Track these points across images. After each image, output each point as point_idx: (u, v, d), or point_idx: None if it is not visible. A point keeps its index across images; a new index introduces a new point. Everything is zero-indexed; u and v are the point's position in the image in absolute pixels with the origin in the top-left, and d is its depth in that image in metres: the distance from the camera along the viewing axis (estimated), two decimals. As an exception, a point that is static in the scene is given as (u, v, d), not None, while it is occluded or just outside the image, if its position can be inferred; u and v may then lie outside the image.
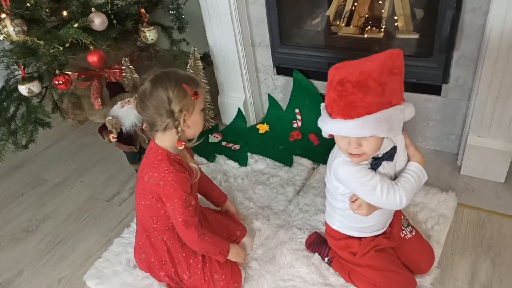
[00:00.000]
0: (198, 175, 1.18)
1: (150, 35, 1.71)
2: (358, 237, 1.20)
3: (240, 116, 2.05)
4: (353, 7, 1.82)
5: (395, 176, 1.11)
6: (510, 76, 1.38)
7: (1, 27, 1.31)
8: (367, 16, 1.81)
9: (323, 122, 1.01)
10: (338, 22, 1.87)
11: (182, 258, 1.26)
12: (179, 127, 1.10)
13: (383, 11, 1.77)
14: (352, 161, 1.04)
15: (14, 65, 1.55)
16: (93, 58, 1.41)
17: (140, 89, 1.12)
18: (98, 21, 1.45)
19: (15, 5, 1.31)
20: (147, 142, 1.55)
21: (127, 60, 1.80)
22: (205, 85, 1.20)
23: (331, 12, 1.85)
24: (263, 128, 2.02)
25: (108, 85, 1.89)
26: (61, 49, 1.36)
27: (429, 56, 1.56)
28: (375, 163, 1.05)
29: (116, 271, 1.41)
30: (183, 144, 1.12)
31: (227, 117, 2.10)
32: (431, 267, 1.26)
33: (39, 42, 1.31)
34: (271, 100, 2.06)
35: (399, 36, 1.72)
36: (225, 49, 1.89)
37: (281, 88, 2.01)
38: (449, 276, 1.29)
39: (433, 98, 1.65)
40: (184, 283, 1.28)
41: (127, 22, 1.68)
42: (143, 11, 1.65)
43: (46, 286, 1.45)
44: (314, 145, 1.87)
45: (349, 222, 1.19)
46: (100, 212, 1.73)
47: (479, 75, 1.44)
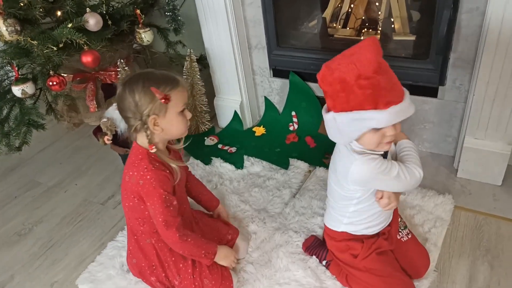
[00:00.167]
0: (179, 175, 1.16)
1: (146, 36, 1.70)
2: (361, 239, 1.18)
3: (236, 119, 2.04)
4: (349, 9, 1.82)
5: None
6: (507, 77, 1.37)
7: (-7, 26, 1.30)
8: (363, 18, 1.81)
9: (366, 121, 0.95)
10: (335, 24, 1.87)
11: (171, 262, 1.23)
12: (148, 130, 1.10)
13: (379, 13, 1.77)
14: (383, 149, 1.03)
15: (8, 66, 1.54)
16: (87, 59, 1.39)
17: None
18: (93, 21, 1.44)
19: (8, 4, 1.29)
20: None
21: (122, 62, 1.78)
22: (186, 85, 1.16)
23: (327, 14, 1.84)
24: (260, 130, 2.00)
25: (103, 87, 1.87)
26: (55, 49, 1.34)
27: (425, 57, 1.56)
28: (384, 153, 1.06)
29: (109, 275, 1.39)
30: (153, 147, 1.11)
31: (224, 119, 2.09)
32: (427, 271, 1.24)
33: (33, 42, 1.29)
34: (268, 102, 2.05)
35: (395, 38, 1.71)
36: (221, 51, 1.89)
37: (278, 90, 2.00)
38: (446, 280, 1.28)
39: (429, 100, 1.64)
40: None
41: (122, 23, 1.66)
42: (138, 12, 1.63)
43: (38, 290, 1.43)
44: (310, 147, 1.86)
45: (360, 222, 1.16)
46: (95, 215, 1.71)
47: (476, 76, 1.43)
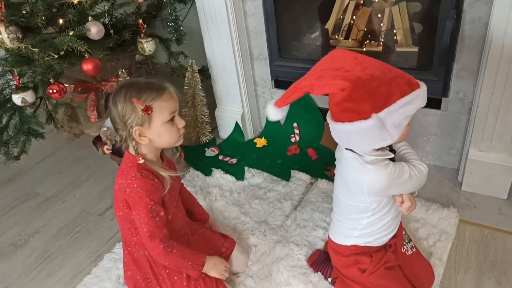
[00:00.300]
0: (168, 185, 1.13)
1: (148, 46, 1.70)
2: (369, 254, 1.15)
3: (237, 130, 2.02)
4: (351, 21, 1.82)
5: None
6: (512, 88, 1.35)
7: (-5, 33, 1.29)
8: (366, 29, 1.81)
9: (413, 103, 0.96)
10: (337, 36, 1.86)
11: (165, 275, 1.20)
12: (134, 141, 1.08)
13: (382, 24, 1.77)
14: (403, 136, 1.02)
15: (9, 74, 1.53)
16: (87, 66, 1.38)
17: None
18: (95, 30, 1.44)
19: (10, 11, 1.29)
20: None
21: (124, 71, 1.78)
22: (174, 92, 1.13)
23: (330, 26, 1.84)
24: (261, 142, 1.98)
25: (105, 96, 1.87)
26: (56, 57, 1.34)
27: (428, 68, 1.54)
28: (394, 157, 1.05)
29: (105, 288, 1.36)
30: (140, 158, 1.09)
31: (225, 131, 2.07)
32: (431, 286, 1.21)
33: (34, 49, 1.29)
34: (269, 113, 2.03)
35: (398, 49, 1.70)
36: (223, 62, 1.88)
37: (279, 101, 1.98)
38: (452, 295, 1.24)
39: (433, 111, 1.62)
40: None
41: (124, 32, 1.66)
42: (140, 21, 1.63)
43: (32, 302, 1.40)
44: (312, 159, 1.83)
45: (372, 233, 1.13)
46: (92, 226, 1.68)
47: (479, 87, 1.42)
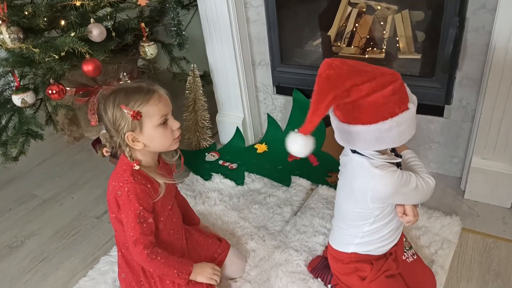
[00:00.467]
0: (162, 192, 1.12)
1: (150, 50, 1.70)
2: (370, 261, 1.13)
3: (238, 136, 2.01)
4: (354, 28, 1.82)
5: None
6: (515, 96, 1.34)
7: (-4, 33, 1.29)
8: (368, 37, 1.81)
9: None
10: (339, 43, 1.87)
11: (157, 278, 1.18)
12: (128, 147, 1.07)
13: (384, 32, 1.77)
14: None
15: (9, 74, 1.53)
16: (88, 67, 1.38)
17: None
18: (97, 32, 1.43)
19: (12, 12, 1.29)
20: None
21: (125, 75, 1.77)
22: (165, 93, 1.11)
23: (332, 33, 1.84)
24: (262, 148, 1.97)
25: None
26: (57, 57, 1.33)
27: (431, 76, 1.54)
28: (399, 162, 1.04)
29: (100, 291, 1.34)
30: (135, 165, 1.08)
31: (225, 136, 2.06)
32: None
33: (34, 50, 1.28)
34: (270, 120, 2.02)
35: (400, 57, 1.70)
36: (225, 67, 1.88)
37: (281, 108, 1.98)
38: (455, 305, 1.21)
39: (435, 119, 1.61)
40: None
41: (126, 36, 1.66)
42: (143, 25, 1.63)
43: (26, 305, 1.37)
44: (313, 165, 1.82)
45: (372, 242, 1.11)
46: (89, 229, 1.66)
47: (483, 95, 1.41)
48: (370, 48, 1.81)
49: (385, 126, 0.93)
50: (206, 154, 1.97)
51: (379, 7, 1.77)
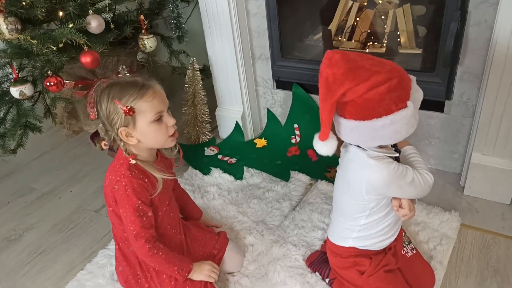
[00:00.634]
0: (160, 187, 1.11)
1: (149, 42, 1.69)
2: (369, 256, 1.13)
3: (237, 130, 2.00)
4: (355, 23, 1.81)
5: None
6: (516, 91, 1.33)
7: (-6, 24, 1.28)
8: (369, 31, 1.79)
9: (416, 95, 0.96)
10: (340, 38, 1.85)
11: (154, 272, 1.18)
12: (122, 142, 1.07)
13: (385, 26, 1.75)
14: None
15: (8, 67, 1.52)
16: (86, 59, 1.36)
17: None
18: (95, 23, 1.42)
19: (9, 2, 1.28)
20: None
21: (124, 68, 1.76)
22: (160, 89, 1.08)
23: (333, 27, 1.83)
24: (261, 142, 1.96)
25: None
26: (55, 49, 1.32)
27: (432, 71, 1.53)
28: (398, 157, 1.03)
29: (98, 284, 1.33)
30: (131, 159, 1.08)
31: (225, 130, 2.05)
32: (432, 288, 1.18)
33: (32, 41, 1.27)
34: (270, 114, 2.01)
35: (401, 51, 1.69)
36: (224, 61, 1.87)
37: (280, 102, 1.97)
38: (453, 301, 1.21)
39: (435, 114, 1.60)
40: None
41: (125, 28, 1.65)
42: (142, 17, 1.62)
43: (23, 298, 1.37)
44: (312, 161, 1.81)
45: (370, 236, 1.10)
46: (88, 222, 1.66)
47: (483, 91, 1.40)
48: (371, 43, 1.79)
49: (378, 123, 0.92)
50: (205, 148, 1.96)
51: (380, 1, 1.76)
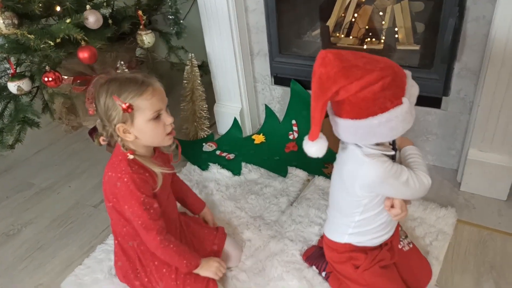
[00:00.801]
0: (160, 181, 1.11)
1: (147, 38, 1.68)
2: (364, 251, 1.13)
3: (236, 126, 2.00)
4: (353, 19, 1.80)
5: None
6: (514, 88, 1.34)
7: (-10, 18, 1.28)
8: (367, 27, 1.79)
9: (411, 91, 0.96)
10: (338, 34, 1.85)
11: (153, 267, 1.18)
12: (119, 138, 1.07)
13: (383, 22, 1.75)
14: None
15: (5, 61, 1.52)
16: (84, 54, 1.36)
17: None
18: (93, 19, 1.42)
19: (6, -4, 1.28)
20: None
21: (122, 63, 1.76)
22: (159, 87, 1.06)
23: (331, 23, 1.83)
24: (259, 138, 1.97)
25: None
26: (52, 44, 1.32)
27: (429, 67, 1.53)
28: (394, 154, 1.03)
29: (96, 279, 1.34)
30: (129, 154, 1.08)
31: (223, 126, 2.05)
32: (428, 283, 1.18)
33: (29, 36, 1.27)
34: (268, 110, 2.01)
35: (399, 48, 1.69)
36: (223, 57, 1.87)
37: (279, 98, 1.97)
38: (449, 296, 1.22)
39: (433, 111, 1.60)
40: None
41: (124, 24, 1.65)
42: (140, 13, 1.62)
43: (22, 293, 1.37)
44: (310, 157, 1.81)
45: (365, 232, 1.11)
46: (86, 218, 1.66)
47: (481, 87, 1.40)
48: (369, 39, 1.79)
49: (374, 121, 0.92)
50: (204, 144, 1.97)
51: (378, -3, 1.76)
